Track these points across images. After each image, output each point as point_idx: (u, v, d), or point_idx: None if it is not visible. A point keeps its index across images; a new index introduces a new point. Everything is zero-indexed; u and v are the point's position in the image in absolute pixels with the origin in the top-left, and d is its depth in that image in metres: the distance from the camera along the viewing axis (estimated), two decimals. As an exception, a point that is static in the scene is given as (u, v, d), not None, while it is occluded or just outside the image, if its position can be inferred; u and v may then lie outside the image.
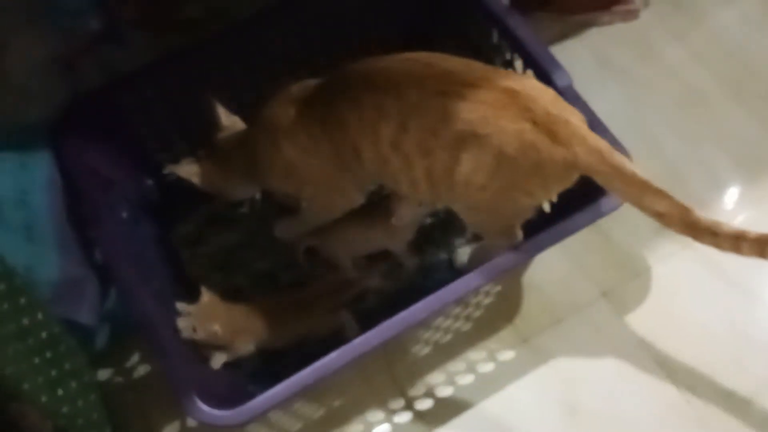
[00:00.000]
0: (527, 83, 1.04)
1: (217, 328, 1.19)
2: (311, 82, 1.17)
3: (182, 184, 1.48)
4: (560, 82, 1.22)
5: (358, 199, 1.25)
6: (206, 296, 1.22)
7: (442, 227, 1.45)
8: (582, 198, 1.14)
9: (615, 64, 1.66)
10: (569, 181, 1.05)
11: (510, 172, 1.03)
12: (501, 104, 1.00)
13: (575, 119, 1.03)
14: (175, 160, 1.48)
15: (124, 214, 1.30)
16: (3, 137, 1.19)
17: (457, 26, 1.48)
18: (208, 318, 1.19)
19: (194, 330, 1.16)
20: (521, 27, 1.31)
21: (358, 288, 1.35)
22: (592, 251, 1.43)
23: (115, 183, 1.32)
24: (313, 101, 1.12)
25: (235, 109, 1.34)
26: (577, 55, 1.66)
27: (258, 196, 1.51)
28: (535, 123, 1.00)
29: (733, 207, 1.48)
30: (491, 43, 1.37)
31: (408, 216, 1.29)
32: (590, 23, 1.72)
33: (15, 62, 1.20)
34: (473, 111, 1.00)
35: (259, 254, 1.44)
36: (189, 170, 1.27)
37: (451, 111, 1.01)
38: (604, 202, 1.14)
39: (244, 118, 1.33)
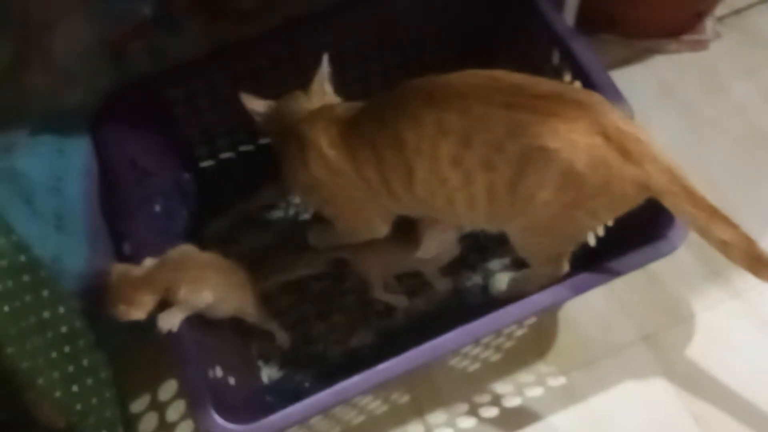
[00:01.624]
0: (596, 98, 1.00)
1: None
2: (357, 104, 1.13)
3: (219, 180, 1.48)
4: (620, 112, 1.16)
5: (382, 231, 1.21)
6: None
7: (479, 250, 1.40)
8: (634, 233, 1.09)
9: (678, 95, 1.59)
10: (636, 201, 1.00)
11: (577, 188, 0.98)
12: (572, 117, 0.96)
13: (645, 137, 0.98)
14: (214, 156, 1.47)
15: (158, 208, 1.27)
16: (42, 121, 1.17)
17: (515, 46, 1.42)
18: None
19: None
20: (584, 50, 1.25)
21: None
22: (636, 291, 1.36)
23: (152, 175, 1.30)
24: (360, 122, 1.08)
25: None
26: (640, 81, 1.60)
27: (294, 198, 1.47)
28: (607, 138, 0.95)
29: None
30: (551, 64, 1.31)
31: (434, 249, 1.25)
32: (656, 50, 1.65)
33: (62, 44, 1.18)
34: (543, 124, 0.96)
35: (291, 260, 1.40)
36: (256, 105, 1.21)
37: (519, 124, 0.96)
38: (662, 245, 1.09)
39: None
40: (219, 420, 1.01)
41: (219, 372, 1.12)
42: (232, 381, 1.16)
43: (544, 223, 1.05)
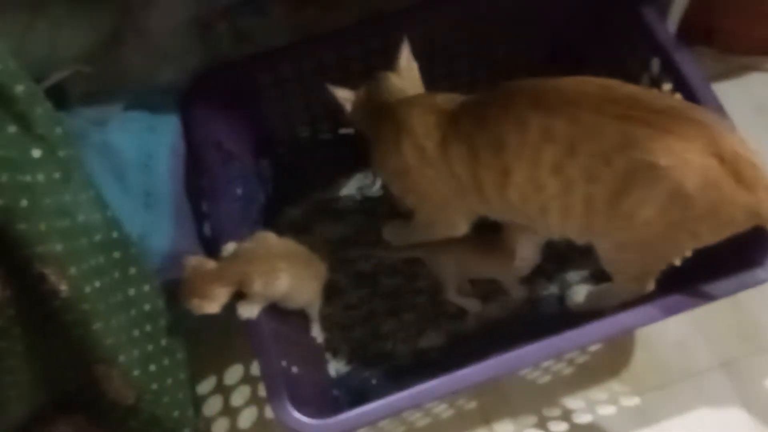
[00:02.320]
0: (714, 118, 0.96)
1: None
2: (457, 96, 1.10)
3: (297, 167, 1.47)
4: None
5: (462, 229, 1.19)
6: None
7: (557, 260, 1.37)
8: (727, 256, 1.05)
9: (773, 115, 1.53)
10: (742, 227, 0.97)
11: (683, 209, 0.94)
12: (688, 136, 0.92)
13: (760, 162, 0.94)
14: (293, 143, 1.46)
15: (239, 191, 1.27)
16: (135, 97, 1.17)
17: (611, 51, 1.39)
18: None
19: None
20: (688, 62, 1.21)
21: None
22: (717, 315, 1.32)
23: (234, 158, 1.29)
24: (461, 117, 1.05)
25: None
26: (734, 98, 1.50)
27: (371, 191, 1.46)
28: (722, 160, 0.91)
29: None
30: (650, 73, 1.27)
31: (530, 256, 1.22)
32: (753, 67, 1.59)
33: (157, 21, 1.18)
34: (656, 140, 0.92)
35: (362, 253, 1.39)
36: (345, 95, 1.19)
37: (631, 137, 0.93)
38: (760, 271, 1.05)
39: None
40: (295, 413, 1.01)
41: (293, 363, 1.11)
42: (304, 373, 1.15)
43: (640, 240, 1.02)
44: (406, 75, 1.19)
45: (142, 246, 1.07)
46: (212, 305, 1.03)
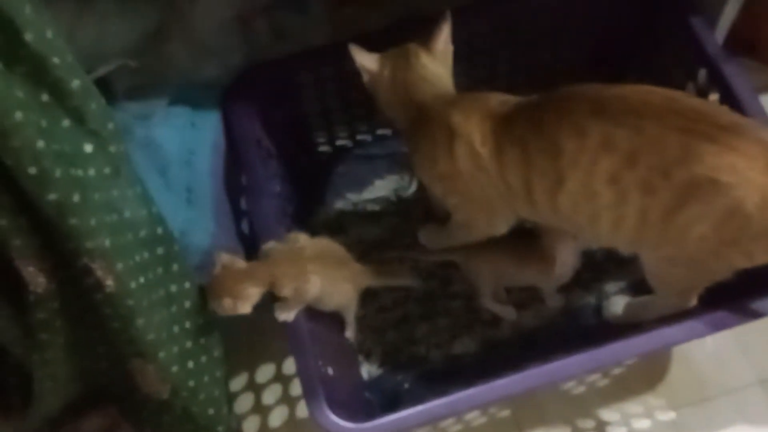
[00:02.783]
0: None
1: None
2: (506, 98, 1.08)
3: (334, 166, 1.47)
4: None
5: (502, 230, 1.17)
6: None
7: (594, 270, 1.35)
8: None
9: (816, 130, 1.50)
10: None
11: (739, 228, 0.93)
12: (752, 154, 0.91)
13: None
14: (331, 142, 1.46)
15: (278, 189, 1.26)
16: (178, 92, 1.17)
17: (656, 60, 1.37)
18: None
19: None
20: (736, 74, 1.20)
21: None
22: (758, 332, 1.29)
23: (274, 156, 1.29)
24: (515, 121, 1.04)
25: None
26: None
27: (407, 193, 1.45)
28: None
29: None
30: (696, 83, 1.25)
31: (570, 262, 1.21)
32: (798, 81, 1.56)
33: (202, 17, 1.18)
34: (720, 156, 0.91)
35: (397, 256, 1.38)
36: (368, 61, 1.15)
37: (694, 152, 0.91)
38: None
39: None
40: (332, 416, 1.01)
41: (328, 364, 1.11)
42: (338, 374, 1.14)
43: (691, 256, 1.00)
44: (440, 58, 1.16)
45: (183, 242, 1.06)
46: (245, 305, 1.02)
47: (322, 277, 1.11)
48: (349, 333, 1.26)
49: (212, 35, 1.20)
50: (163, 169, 1.09)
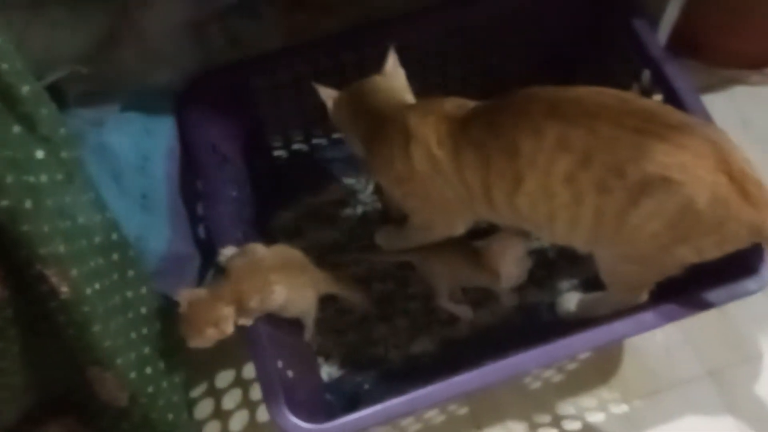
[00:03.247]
0: (723, 135, 0.98)
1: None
2: (462, 102, 1.11)
3: (290, 170, 1.47)
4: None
5: (460, 231, 1.20)
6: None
7: (547, 268, 1.38)
8: (719, 267, 1.06)
9: (757, 129, 1.56)
10: (744, 244, 0.99)
11: (690, 224, 0.96)
12: (701, 153, 0.94)
13: (764, 182, 0.96)
14: (287, 146, 1.47)
15: (234, 194, 1.27)
16: (131, 99, 1.17)
17: (602, 62, 1.41)
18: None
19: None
20: (678, 75, 1.24)
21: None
22: (704, 324, 1.32)
23: (229, 160, 1.29)
24: (472, 123, 1.05)
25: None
26: (719, 111, 1.52)
27: (363, 196, 1.46)
28: (731, 178, 0.93)
29: None
30: (641, 84, 1.30)
31: (515, 272, 1.25)
32: (737, 80, 1.62)
33: (153, 22, 1.17)
34: (671, 155, 0.94)
35: (354, 258, 1.39)
36: (328, 94, 1.20)
37: (646, 151, 0.94)
38: (753, 281, 1.07)
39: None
40: (292, 417, 1.01)
41: (288, 367, 1.11)
42: (298, 376, 1.15)
43: (644, 253, 1.03)
44: (393, 76, 1.20)
45: (139, 248, 1.06)
46: (227, 326, 1.03)
47: (285, 285, 1.11)
48: (308, 335, 1.27)
49: (164, 41, 1.20)
50: (118, 175, 1.08)
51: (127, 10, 1.14)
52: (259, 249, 1.16)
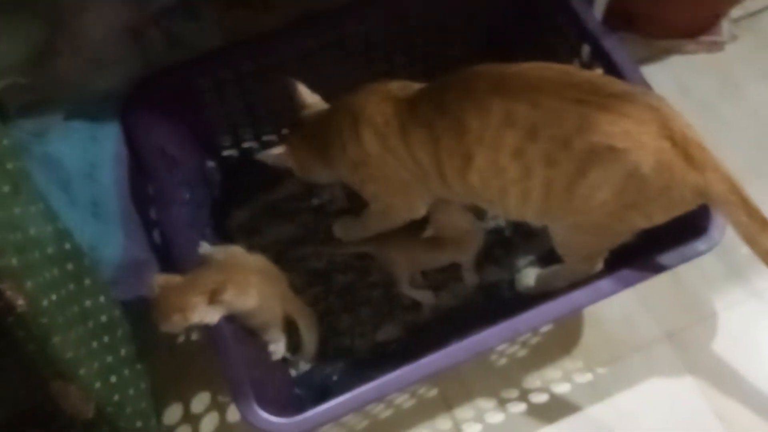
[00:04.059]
0: (664, 102, 1.00)
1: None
2: (406, 83, 1.11)
3: (242, 169, 1.46)
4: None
5: (421, 212, 1.21)
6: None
7: (504, 246, 1.40)
8: (668, 230, 1.09)
9: (695, 96, 1.61)
10: (691, 206, 1.01)
11: (637, 190, 0.98)
12: (643, 120, 0.96)
13: (706, 145, 0.99)
14: (237, 145, 1.46)
15: (187, 196, 1.26)
16: (74, 106, 1.15)
17: (542, 40, 1.43)
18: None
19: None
20: (616, 48, 1.26)
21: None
22: (658, 289, 1.37)
23: (179, 163, 1.28)
24: (419, 103, 1.07)
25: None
26: (658, 81, 1.55)
27: (318, 189, 1.46)
28: (674, 143, 0.96)
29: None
30: (581, 60, 1.32)
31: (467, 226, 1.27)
32: (674, 50, 1.66)
33: (91, 29, 1.16)
34: (614, 123, 0.95)
35: (314, 252, 1.39)
36: (279, 156, 1.20)
37: (590, 121, 0.96)
38: (702, 242, 1.10)
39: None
40: (263, 413, 1.01)
41: (255, 364, 1.11)
42: (266, 373, 1.15)
43: (595, 222, 1.05)
44: (319, 104, 1.22)
45: (94, 257, 1.05)
46: (194, 315, 1.02)
47: (259, 291, 1.12)
48: (276, 349, 1.25)
49: (104, 47, 1.18)
50: (66, 184, 1.07)
51: (64, 18, 1.12)
52: (240, 251, 1.17)
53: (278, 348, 1.22)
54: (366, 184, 1.18)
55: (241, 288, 1.09)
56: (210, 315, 1.04)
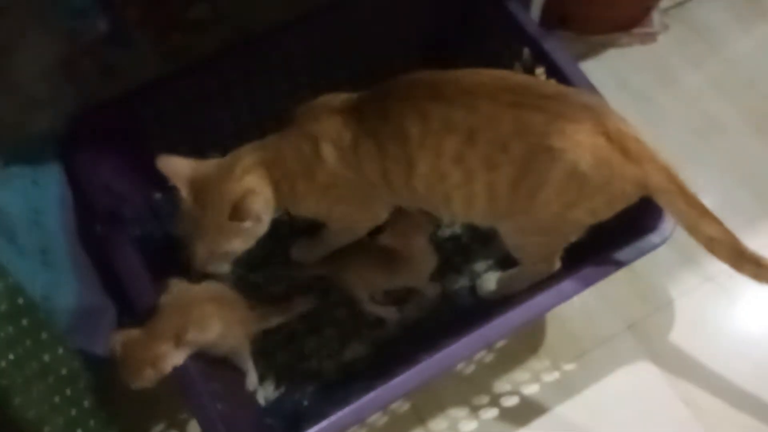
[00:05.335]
0: (598, 100, 1.02)
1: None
2: (348, 95, 1.10)
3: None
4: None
5: (383, 218, 1.19)
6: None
7: (463, 253, 1.41)
8: (617, 227, 1.11)
9: (633, 88, 1.64)
10: (633, 199, 1.03)
11: (579, 188, 1.00)
12: (578, 118, 0.97)
13: (642, 138, 1.00)
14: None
15: (137, 232, 1.22)
16: (12, 150, 1.11)
17: (483, 45, 1.44)
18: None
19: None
20: (556, 48, 1.29)
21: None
22: (614, 282, 1.34)
23: (126, 199, 1.25)
24: (362, 113, 1.06)
25: (255, 124, 1.27)
26: (596, 76, 1.58)
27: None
28: (609, 139, 0.97)
29: (750, 238, 1.46)
30: (523, 62, 1.33)
31: (429, 253, 1.26)
32: (609, 44, 1.70)
33: (22, 66, 1.12)
34: (550, 124, 0.97)
35: (272, 278, 1.37)
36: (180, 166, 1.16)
37: (526, 123, 0.97)
38: (655, 235, 1.13)
39: (262, 134, 1.22)
40: (238, 451, 0.99)
41: (223, 400, 1.08)
42: (235, 408, 1.12)
43: (541, 222, 1.06)
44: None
45: (48, 307, 1.01)
46: (166, 364, 1.00)
47: (218, 318, 1.10)
48: (250, 381, 1.24)
49: (37, 85, 1.15)
50: (11, 234, 1.02)
51: (-6, 60, 1.08)
52: (183, 284, 1.13)
53: (252, 377, 1.21)
54: (335, 208, 1.15)
55: (201, 322, 1.07)
56: (178, 358, 1.01)
